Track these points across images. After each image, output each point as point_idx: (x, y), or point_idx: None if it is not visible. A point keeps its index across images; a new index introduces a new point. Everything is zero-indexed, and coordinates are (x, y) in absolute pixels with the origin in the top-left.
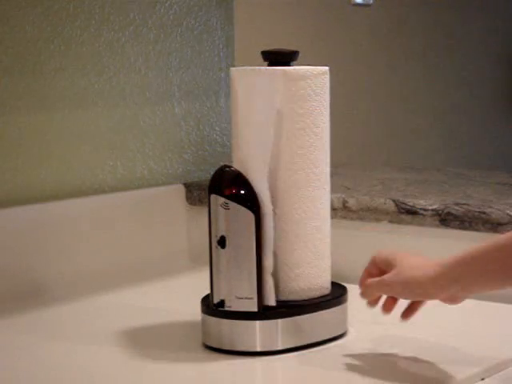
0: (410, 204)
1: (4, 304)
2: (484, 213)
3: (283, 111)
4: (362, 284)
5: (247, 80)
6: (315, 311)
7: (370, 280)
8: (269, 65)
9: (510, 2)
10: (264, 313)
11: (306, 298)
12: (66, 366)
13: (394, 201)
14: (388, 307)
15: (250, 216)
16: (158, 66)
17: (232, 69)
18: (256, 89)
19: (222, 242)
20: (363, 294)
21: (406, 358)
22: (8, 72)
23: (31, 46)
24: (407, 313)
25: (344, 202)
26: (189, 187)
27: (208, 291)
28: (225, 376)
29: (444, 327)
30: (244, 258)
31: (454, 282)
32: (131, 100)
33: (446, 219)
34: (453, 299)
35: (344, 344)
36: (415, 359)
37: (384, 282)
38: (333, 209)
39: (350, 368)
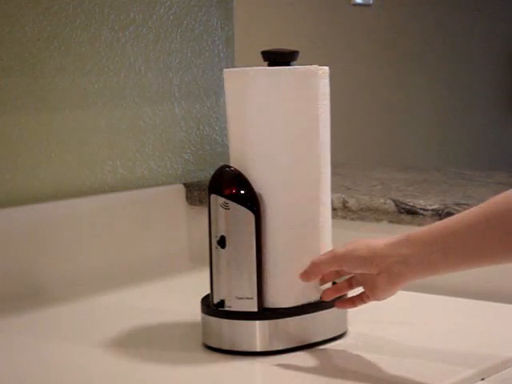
0: (410, 204)
1: (4, 304)
2: None
3: (303, 110)
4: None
5: (266, 80)
6: (315, 311)
7: (320, 256)
8: (269, 65)
9: (509, 3)
10: (264, 313)
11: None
12: (65, 366)
13: (394, 201)
14: (329, 294)
15: (249, 216)
16: (158, 66)
17: (246, 68)
18: (274, 89)
19: (222, 242)
20: (310, 271)
21: (406, 358)
22: (8, 72)
23: (31, 45)
24: (345, 302)
25: (344, 202)
26: (189, 187)
27: (208, 291)
28: (225, 376)
29: (444, 327)
30: (244, 258)
31: (400, 252)
32: (131, 100)
33: None
34: (391, 277)
35: (344, 344)
36: (415, 359)
37: (334, 254)
38: (333, 209)
39: (350, 368)
